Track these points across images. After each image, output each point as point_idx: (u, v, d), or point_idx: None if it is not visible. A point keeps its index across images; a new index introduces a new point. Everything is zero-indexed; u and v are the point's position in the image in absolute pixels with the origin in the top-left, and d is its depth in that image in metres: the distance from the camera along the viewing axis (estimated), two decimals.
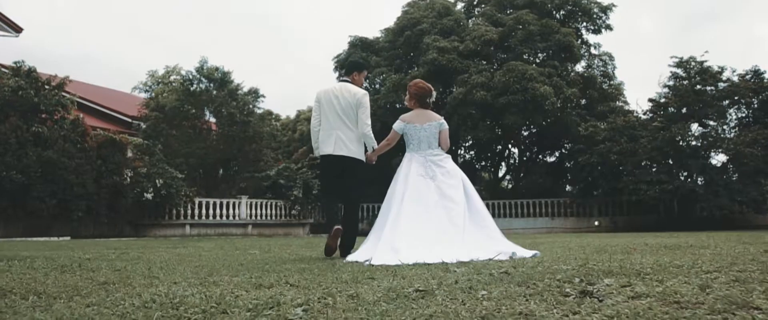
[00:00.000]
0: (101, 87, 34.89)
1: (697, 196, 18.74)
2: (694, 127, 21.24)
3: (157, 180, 19.50)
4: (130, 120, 25.27)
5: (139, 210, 19.72)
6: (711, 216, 18.71)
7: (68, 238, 16.60)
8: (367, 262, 4.45)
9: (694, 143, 20.01)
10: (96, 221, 18.48)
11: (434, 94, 5.75)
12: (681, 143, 19.65)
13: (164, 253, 6.50)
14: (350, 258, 4.94)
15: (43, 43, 58.99)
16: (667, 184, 18.80)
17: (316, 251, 7.13)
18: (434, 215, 5.02)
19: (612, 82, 26.66)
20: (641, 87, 55.99)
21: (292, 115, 37.45)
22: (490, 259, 4.37)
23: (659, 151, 19.39)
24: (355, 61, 6.41)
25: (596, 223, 23.33)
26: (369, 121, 5.75)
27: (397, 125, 5.55)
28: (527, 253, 4.82)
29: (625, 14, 59.86)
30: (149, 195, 19.67)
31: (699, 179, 19.72)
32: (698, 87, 20.64)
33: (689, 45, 62.05)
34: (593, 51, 26.80)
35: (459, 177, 5.33)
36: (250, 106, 22.74)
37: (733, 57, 63.55)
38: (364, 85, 6.81)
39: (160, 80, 25.81)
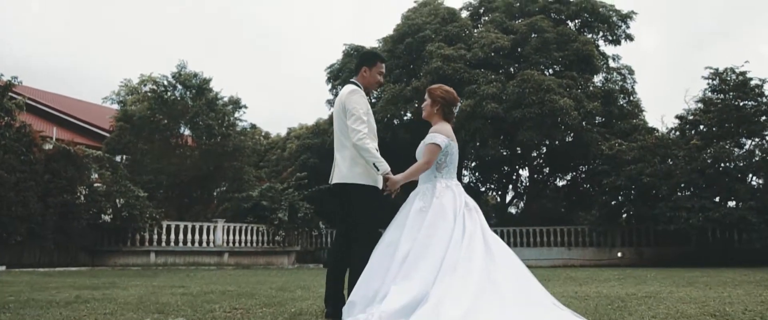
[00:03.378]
0: (81, 100, 32.62)
1: (750, 226, 16.05)
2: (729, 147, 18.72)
3: (117, 200, 16.77)
4: (108, 134, 22.83)
5: (96, 235, 16.97)
6: (764, 248, 16.02)
7: (3, 268, 13.81)
8: None
9: (736, 165, 17.39)
10: (42, 247, 15.70)
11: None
12: (725, 164, 17.07)
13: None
14: None
15: (31, 55, 56.46)
16: (713, 211, 16.14)
17: (291, 305, 4.48)
18: (494, 267, 3.63)
19: (632, 98, 24.13)
20: (646, 106, 53.54)
21: (283, 133, 35.06)
22: None
23: (701, 173, 16.77)
24: (366, 52, 4.98)
25: (619, 255, 20.63)
26: (358, 126, 4.18)
27: (442, 140, 4.05)
28: None
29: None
30: (107, 217, 16.94)
31: (744, 205, 17.01)
32: (740, 102, 18.12)
33: (693, 64, 59.81)
34: (612, 63, 24.34)
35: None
36: (231, 118, 20.06)
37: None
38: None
39: (133, 89, 23.21)
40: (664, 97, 49.83)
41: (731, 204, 18.30)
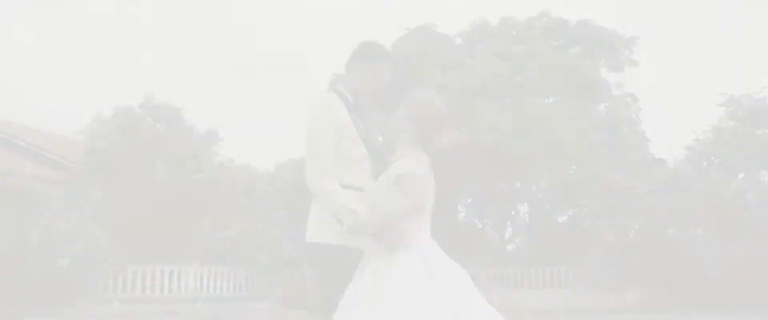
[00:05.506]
0: (63, 136, 31.27)
1: None
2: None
3: (76, 243, 15.13)
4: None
5: (52, 282, 15.25)
6: None
7: None
8: None
9: (759, 199, 15.95)
10: None
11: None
12: (746, 199, 15.66)
13: None
14: None
15: (23, 90, 55.19)
16: (737, 250, 14.65)
17: None
18: None
19: (637, 128, 22.81)
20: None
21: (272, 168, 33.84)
22: None
23: (723, 209, 15.33)
24: (365, 43, 3.17)
25: (630, 297, 19.03)
26: (311, 160, 2.86)
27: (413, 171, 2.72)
28: None
29: None
30: (65, 263, 15.24)
31: None
32: (759, 131, 16.84)
33: (691, 93, 58.93)
34: (615, 91, 23.03)
35: None
36: (206, 151, 18.58)
37: None
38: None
39: (106, 122, 21.73)
40: (664, 128, 48.71)
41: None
